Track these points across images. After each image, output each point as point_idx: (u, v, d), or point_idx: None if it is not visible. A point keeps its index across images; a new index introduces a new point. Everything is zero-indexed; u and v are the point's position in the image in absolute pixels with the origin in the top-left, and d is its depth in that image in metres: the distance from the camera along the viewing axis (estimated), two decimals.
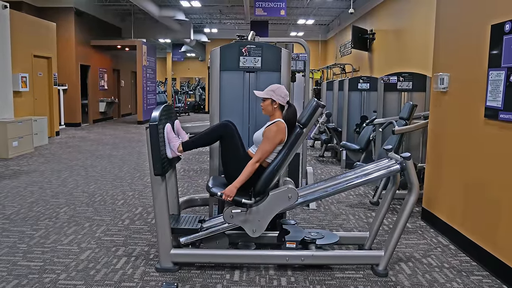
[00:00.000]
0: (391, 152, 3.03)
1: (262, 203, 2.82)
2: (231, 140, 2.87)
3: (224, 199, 2.74)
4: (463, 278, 2.85)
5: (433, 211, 3.88)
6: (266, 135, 2.81)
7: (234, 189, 2.75)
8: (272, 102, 2.91)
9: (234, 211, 2.81)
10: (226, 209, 2.85)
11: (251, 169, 2.77)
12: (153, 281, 2.73)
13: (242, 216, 2.82)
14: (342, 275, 2.87)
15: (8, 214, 4.06)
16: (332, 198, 4.85)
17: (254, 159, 2.78)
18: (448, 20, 3.77)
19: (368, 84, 6.85)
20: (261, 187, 2.82)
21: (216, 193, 2.79)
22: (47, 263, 2.98)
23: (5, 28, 7.65)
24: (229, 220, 2.84)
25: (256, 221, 2.82)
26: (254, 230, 2.84)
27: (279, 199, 2.82)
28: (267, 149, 2.80)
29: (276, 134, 2.79)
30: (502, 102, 2.82)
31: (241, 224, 2.84)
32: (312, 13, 15.14)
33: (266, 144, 2.79)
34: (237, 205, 2.81)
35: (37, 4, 11.45)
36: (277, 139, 2.80)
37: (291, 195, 2.82)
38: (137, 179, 5.71)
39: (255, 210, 2.82)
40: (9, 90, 7.79)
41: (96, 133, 11.00)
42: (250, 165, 2.77)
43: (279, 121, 2.86)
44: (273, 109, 2.92)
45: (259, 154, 2.78)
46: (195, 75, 26.41)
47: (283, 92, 2.92)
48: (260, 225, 2.83)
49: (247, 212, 2.81)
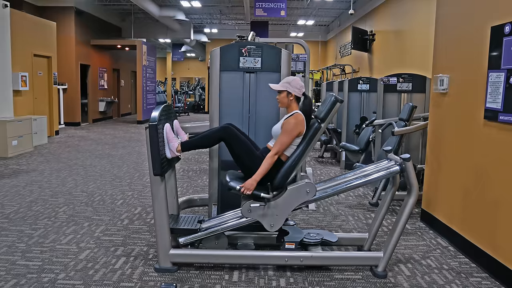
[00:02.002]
0: (391, 153, 3.03)
1: (280, 198, 2.81)
2: (236, 140, 2.84)
3: (243, 192, 2.73)
4: (462, 280, 2.85)
5: (433, 212, 3.88)
6: (284, 128, 2.79)
7: (254, 183, 2.73)
8: (288, 95, 2.90)
9: (252, 205, 2.79)
10: (243, 203, 2.82)
11: (270, 161, 2.76)
12: (152, 281, 2.73)
13: (260, 210, 2.81)
14: (341, 276, 2.86)
15: (7, 213, 4.06)
16: (331, 199, 4.85)
17: (273, 152, 2.76)
18: (448, 21, 3.77)
19: (367, 85, 6.85)
20: (279, 181, 2.81)
21: (235, 187, 2.77)
22: (45, 262, 2.97)
23: (5, 27, 7.65)
24: (247, 214, 2.82)
25: (274, 215, 2.81)
26: (272, 225, 2.83)
27: (297, 194, 2.81)
28: (286, 141, 2.78)
29: (295, 126, 2.78)
30: (501, 103, 2.82)
31: (258, 219, 2.82)
32: (312, 14, 15.14)
33: (285, 136, 2.77)
34: (255, 199, 2.79)
35: (37, 3, 11.45)
36: (295, 131, 2.79)
37: (309, 190, 2.81)
38: (136, 179, 5.71)
39: (273, 204, 2.81)
40: (9, 89, 7.78)
41: (96, 132, 10.99)
42: (269, 157, 2.76)
43: (297, 113, 2.85)
44: (289, 101, 2.91)
45: (278, 146, 2.77)
46: (195, 75, 26.43)
47: (298, 83, 2.91)
48: (277, 219, 2.82)
49: (265, 207, 2.80)
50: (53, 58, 9.87)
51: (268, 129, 3.34)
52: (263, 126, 3.35)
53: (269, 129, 3.34)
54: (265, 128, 3.35)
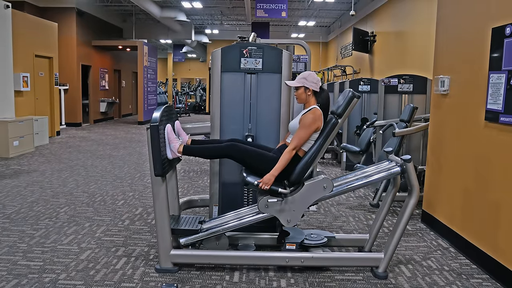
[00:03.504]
0: (392, 155, 3.03)
1: (298, 193, 2.81)
2: (242, 153, 2.83)
3: (261, 187, 2.73)
4: (463, 281, 2.85)
5: (433, 213, 3.88)
6: (302, 123, 2.80)
7: (272, 178, 2.74)
8: (306, 90, 2.90)
9: (270, 200, 2.79)
10: (260, 199, 2.82)
11: (288, 156, 2.76)
12: (152, 282, 2.73)
13: (277, 206, 2.81)
14: (341, 277, 2.87)
15: (8, 214, 4.07)
16: (332, 200, 4.85)
17: (291, 147, 2.77)
18: (449, 22, 3.78)
19: (368, 86, 6.85)
20: (297, 177, 2.81)
21: (253, 182, 2.78)
22: (47, 262, 2.98)
23: (7, 28, 7.67)
24: (264, 210, 2.82)
25: (291, 211, 2.81)
26: (289, 220, 2.83)
27: (314, 189, 2.81)
28: (304, 136, 2.78)
29: (313, 121, 2.78)
30: (502, 105, 2.83)
31: (275, 214, 2.82)
32: (313, 15, 15.15)
33: (303, 131, 2.78)
34: (272, 194, 2.80)
35: (39, 4, 11.47)
36: (313, 126, 2.79)
37: (326, 185, 2.81)
38: (137, 179, 5.71)
39: (291, 200, 2.81)
40: (10, 90, 7.80)
41: (97, 133, 11.00)
42: (287, 152, 2.76)
43: (315, 108, 2.85)
44: (307, 96, 2.92)
45: (296, 141, 2.77)
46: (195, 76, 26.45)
47: (315, 78, 2.91)
48: (294, 215, 2.82)
49: (283, 202, 2.80)
50: (54, 58, 9.89)
51: (269, 129, 3.34)
52: (264, 127, 3.35)
53: (270, 129, 3.34)
54: (266, 129, 3.36)
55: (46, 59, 9.69)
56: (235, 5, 13.62)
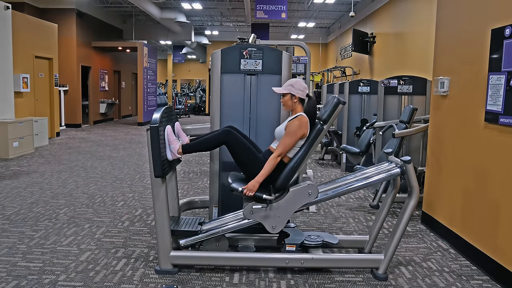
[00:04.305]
0: (391, 156, 3.03)
1: (283, 199, 2.81)
2: (238, 142, 2.84)
3: (246, 194, 2.73)
4: (463, 283, 2.85)
5: (433, 214, 3.88)
6: (288, 130, 2.80)
7: (257, 184, 2.74)
8: (292, 97, 2.90)
9: (254, 207, 2.79)
10: (246, 205, 2.82)
11: (273, 163, 2.76)
12: (152, 283, 2.73)
13: (262, 212, 2.81)
14: (341, 278, 2.86)
15: (8, 215, 4.06)
16: (332, 201, 4.85)
17: (276, 153, 2.77)
18: (449, 24, 3.78)
19: (368, 87, 6.85)
20: (281, 183, 2.81)
21: (237, 188, 2.78)
22: (46, 264, 2.98)
23: (7, 29, 7.67)
24: (249, 216, 2.82)
25: (276, 217, 2.81)
26: (274, 226, 2.82)
27: (299, 195, 2.81)
28: (289, 143, 2.78)
29: (298, 128, 2.78)
30: (502, 106, 2.83)
31: (260, 220, 2.82)
32: (313, 16, 15.17)
33: (288, 138, 2.78)
34: (257, 201, 2.79)
35: (39, 5, 11.48)
36: (299, 134, 2.79)
37: (311, 191, 2.80)
38: (137, 180, 5.71)
39: (276, 206, 2.80)
40: (10, 91, 7.80)
41: (97, 134, 11.00)
42: (272, 159, 2.76)
43: (301, 115, 2.85)
44: (293, 104, 2.91)
45: (281, 148, 2.77)
46: (195, 77, 26.45)
47: (301, 85, 2.91)
48: (279, 221, 2.82)
49: (267, 208, 2.80)
50: (54, 59, 9.89)
51: (269, 131, 3.34)
52: (264, 128, 3.35)
53: (270, 131, 3.34)
54: (266, 130, 3.36)
55: (46, 60, 9.70)
56: (234, 6, 13.63)
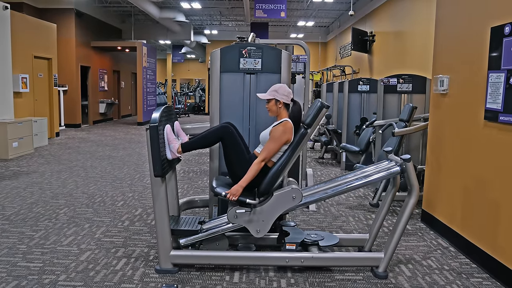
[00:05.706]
0: (391, 154, 3.03)
1: (266, 204, 2.81)
2: (232, 141, 2.86)
3: (229, 198, 2.73)
4: (463, 280, 2.85)
5: (433, 213, 3.89)
6: (272, 135, 2.81)
7: (240, 189, 2.74)
8: (277, 102, 2.90)
9: (238, 211, 2.80)
10: (230, 209, 2.84)
11: (256, 168, 2.77)
12: (152, 283, 2.73)
13: (246, 216, 2.81)
14: (342, 277, 2.87)
15: (8, 215, 4.06)
16: (332, 200, 4.85)
17: (260, 158, 2.77)
18: (448, 22, 3.78)
19: (368, 86, 6.85)
20: (265, 187, 2.82)
21: (221, 193, 2.79)
22: (46, 264, 2.98)
23: (6, 29, 7.66)
24: (233, 220, 2.83)
25: (260, 221, 2.82)
26: (258, 231, 2.83)
27: (283, 200, 2.82)
28: (273, 148, 2.79)
29: (283, 134, 2.79)
30: (502, 104, 2.83)
31: (245, 224, 2.83)
32: (312, 15, 15.16)
33: (272, 143, 2.78)
34: (241, 205, 2.80)
35: (37, 5, 11.47)
36: (283, 139, 2.79)
37: (295, 196, 2.81)
38: (137, 180, 5.71)
39: (259, 210, 2.81)
40: (9, 91, 7.79)
41: (96, 134, 11.00)
42: (256, 164, 2.77)
43: (286, 120, 2.85)
44: (278, 109, 2.91)
45: (265, 153, 2.78)
46: (195, 77, 26.44)
47: (286, 90, 2.91)
48: (264, 225, 2.83)
49: (251, 212, 2.81)
50: (53, 59, 9.88)
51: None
52: (264, 127, 3.35)
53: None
54: (265, 129, 3.35)
55: (45, 60, 9.69)
56: (234, 5, 13.63)
